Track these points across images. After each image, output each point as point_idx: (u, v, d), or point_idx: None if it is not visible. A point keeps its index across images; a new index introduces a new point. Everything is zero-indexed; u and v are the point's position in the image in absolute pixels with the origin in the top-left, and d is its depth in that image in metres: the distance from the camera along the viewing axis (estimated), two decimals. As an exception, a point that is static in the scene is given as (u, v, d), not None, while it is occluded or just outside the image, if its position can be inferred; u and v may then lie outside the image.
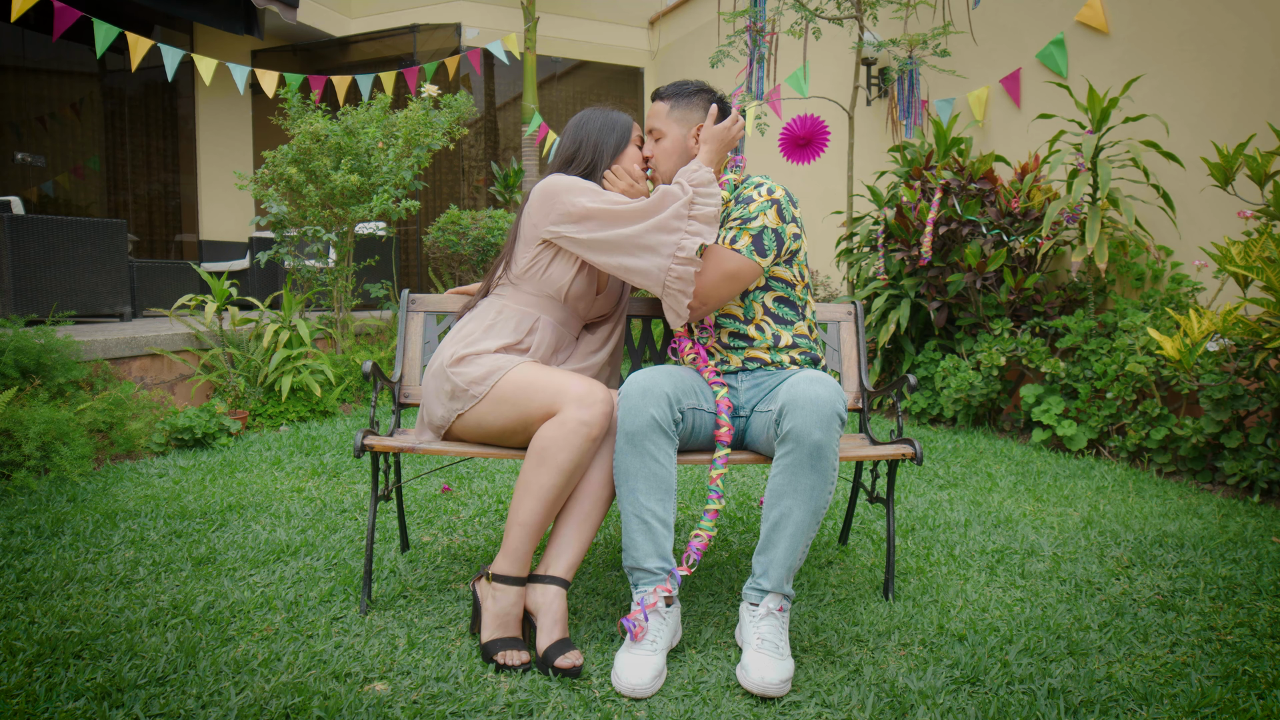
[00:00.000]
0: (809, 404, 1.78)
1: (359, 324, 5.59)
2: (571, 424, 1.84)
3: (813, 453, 1.78)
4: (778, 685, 1.67)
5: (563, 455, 1.84)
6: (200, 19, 6.94)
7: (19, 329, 3.51)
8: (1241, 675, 1.75)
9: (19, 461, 3.08)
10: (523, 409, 1.92)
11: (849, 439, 2.37)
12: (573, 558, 1.89)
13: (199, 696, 1.64)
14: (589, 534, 1.92)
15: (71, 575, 2.24)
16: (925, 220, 4.42)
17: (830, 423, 1.78)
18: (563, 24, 8.64)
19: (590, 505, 1.92)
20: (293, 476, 3.35)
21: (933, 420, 4.62)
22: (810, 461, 1.79)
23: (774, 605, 1.81)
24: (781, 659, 1.72)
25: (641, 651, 1.73)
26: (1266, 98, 3.69)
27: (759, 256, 2.00)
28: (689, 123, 2.11)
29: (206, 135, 8.48)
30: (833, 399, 1.80)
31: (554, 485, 1.85)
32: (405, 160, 5.10)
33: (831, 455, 1.80)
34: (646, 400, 1.84)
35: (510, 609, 1.84)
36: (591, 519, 1.92)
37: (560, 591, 1.86)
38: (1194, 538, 2.60)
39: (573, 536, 1.90)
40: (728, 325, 2.13)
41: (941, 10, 5.24)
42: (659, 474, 1.85)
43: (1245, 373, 3.14)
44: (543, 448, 1.85)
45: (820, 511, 1.82)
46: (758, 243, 2.00)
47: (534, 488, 1.85)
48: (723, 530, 2.75)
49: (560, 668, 1.74)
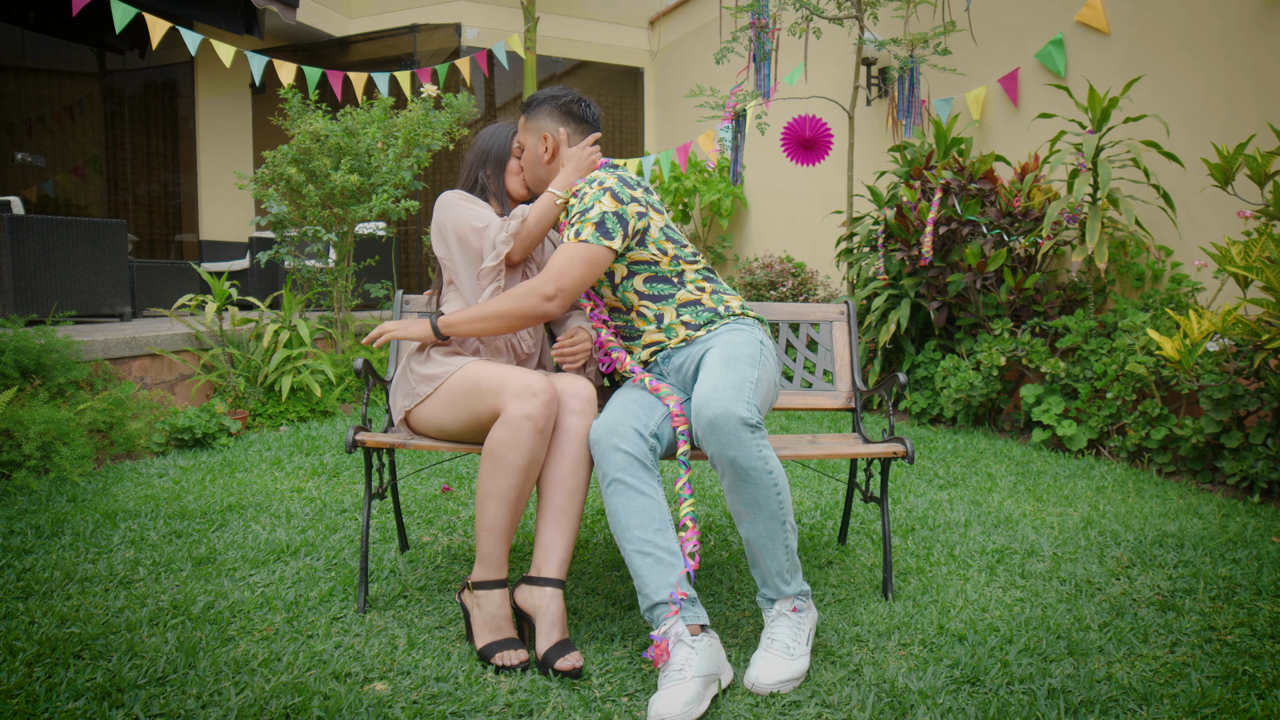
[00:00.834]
0: (710, 425, 1.75)
1: (359, 324, 5.59)
2: (516, 420, 1.84)
3: (737, 471, 1.75)
4: (772, 683, 1.68)
5: (513, 455, 1.85)
6: (200, 18, 6.95)
7: (19, 329, 3.51)
8: (1241, 675, 1.75)
9: (19, 461, 3.08)
10: (472, 409, 1.95)
11: (842, 439, 2.38)
12: (560, 555, 1.89)
13: (199, 696, 1.64)
14: (570, 527, 1.91)
15: (71, 575, 2.24)
16: (925, 220, 4.42)
17: (737, 434, 1.73)
18: (563, 24, 8.64)
19: (562, 498, 1.91)
20: (293, 476, 3.35)
21: (933, 420, 4.62)
22: (741, 477, 1.76)
23: (785, 607, 1.82)
24: (790, 659, 1.73)
25: (669, 681, 1.63)
26: (1266, 97, 3.69)
27: (605, 240, 2.00)
28: (539, 131, 2.18)
29: (206, 135, 8.48)
30: (727, 405, 1.74)
31: (512, 486, 1.86)
32: (405, 160, 5.10)
33: (757, 460, 1.75)
34: (615, 439, 1.84)
35: (497, 611, 1.85)
36: (568, 512, 1.91)
37: (555, 592, 1.85)
38: (1194, 538, 2.60)
39: (554, 535, 1.90)
40: (614, 321, 2.15)
41: (942, 9, 5.24)
42: (648, 507, 1.81)
43: (1245, 373, 3.14)
44: (493, 450, 1.86)
45: (780, 509, 1.79)
46: (601, 228, 2.00)
47: (493, 491, 1.86)
48: (722, 530, 2.75)
49: (560, 670, 1.73)
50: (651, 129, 9.23)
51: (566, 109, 2.17)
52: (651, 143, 9.23)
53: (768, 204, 7.37)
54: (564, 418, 1.94)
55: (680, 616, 1.72)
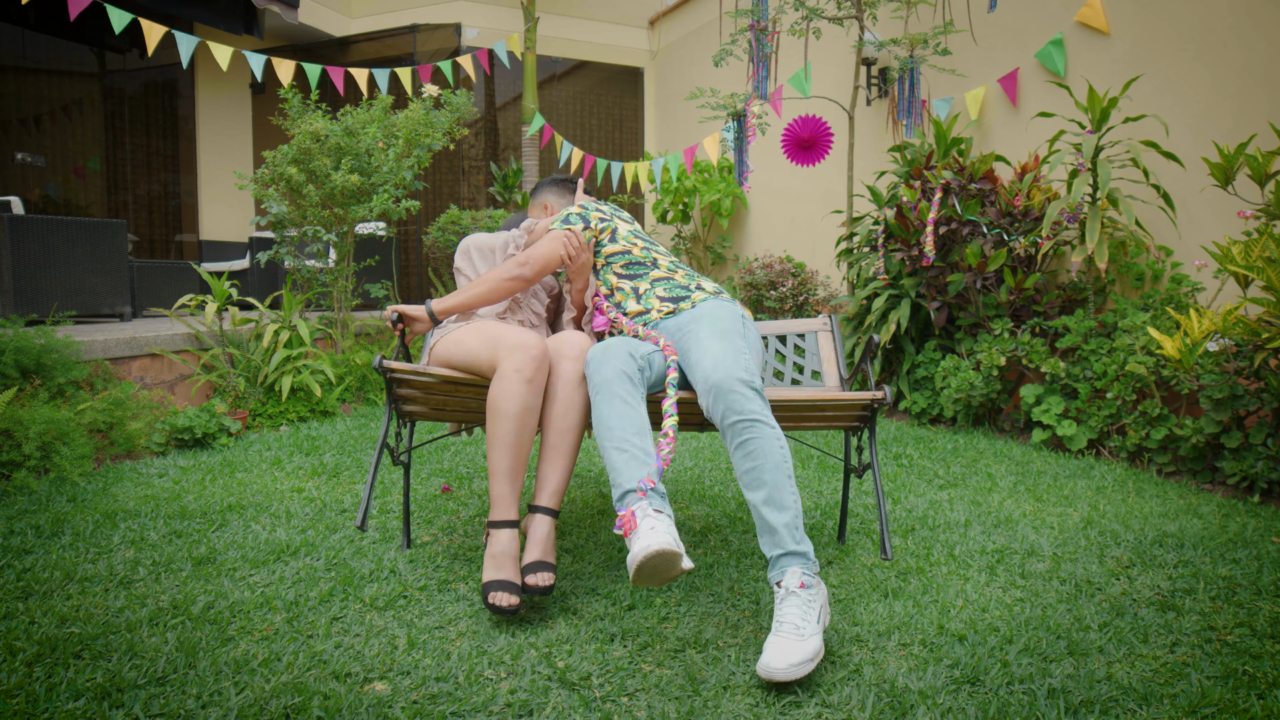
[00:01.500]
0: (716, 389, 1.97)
1: (359, 324, 5.59)
2: (508, 374, 2.11)
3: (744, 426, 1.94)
4: (786, 669, 1.66)
5: (506, 404, 2.09)
6: (200, 19, 6.95)
7: (19, 329, 3.51)
8: (1241, 675, 1.75)
9: (19, 461, 3.08)
10: (472, 351, 2.26)
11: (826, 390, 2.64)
12: (552, 486, 2.12)
13: (199, 696, 1.64)
14: (562, 463, 2.14)
15: (71, 575, 2.24)
16: (925, 220, 4.42)
17: (742, 393, 1.95)
18: (563, 24, 8.64)
19: (555, 437, 2.15)
20: (293, 476, 3.35)
21: (933, 420, 4.62)
22: (748, 431, 1.93)
23: (793, 584, 1.82)
24: (801, 640, 1.72)
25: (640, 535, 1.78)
26: (1266, 97, 3.69)
27: (567, 225, 2.47)
28: (538, 205, 2.85)
29: (206, 135, 8.48)
30: (729, 370, 1.98)
31: (510, 430, 2.08)
32: (405, 160, 5.10)
33: (762, 415, 1.95)
34: (608, 356, 2.08)
35: (503, 550, 2.01)
36: (560, 450, 2.15)
37: (544, 518, 2.07)
38: (1194, 538, 2.60)
39: (548, 470, 2.14)
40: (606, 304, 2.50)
41: (942, 9, 5.25)
42: (631, 414, 2.01)
43: (1245, 373, 3.14)
44: (491, 403, 2.11)
45: (784, 463, 1.93)
46: (565, 220, 2.49)
47: (494, 438, 2.09)
48: (722, 530, 2.75)
49: (528, 585, 1.94)
50: (651, 129, 9.23)
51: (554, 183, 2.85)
52: (651, 143, 9.23)
53: (768, 204, 7.37)
54: (558, 364, 2.20)
55: (647, 500, 1.87)
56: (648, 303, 2.38)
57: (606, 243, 2.49)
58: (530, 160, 7.63)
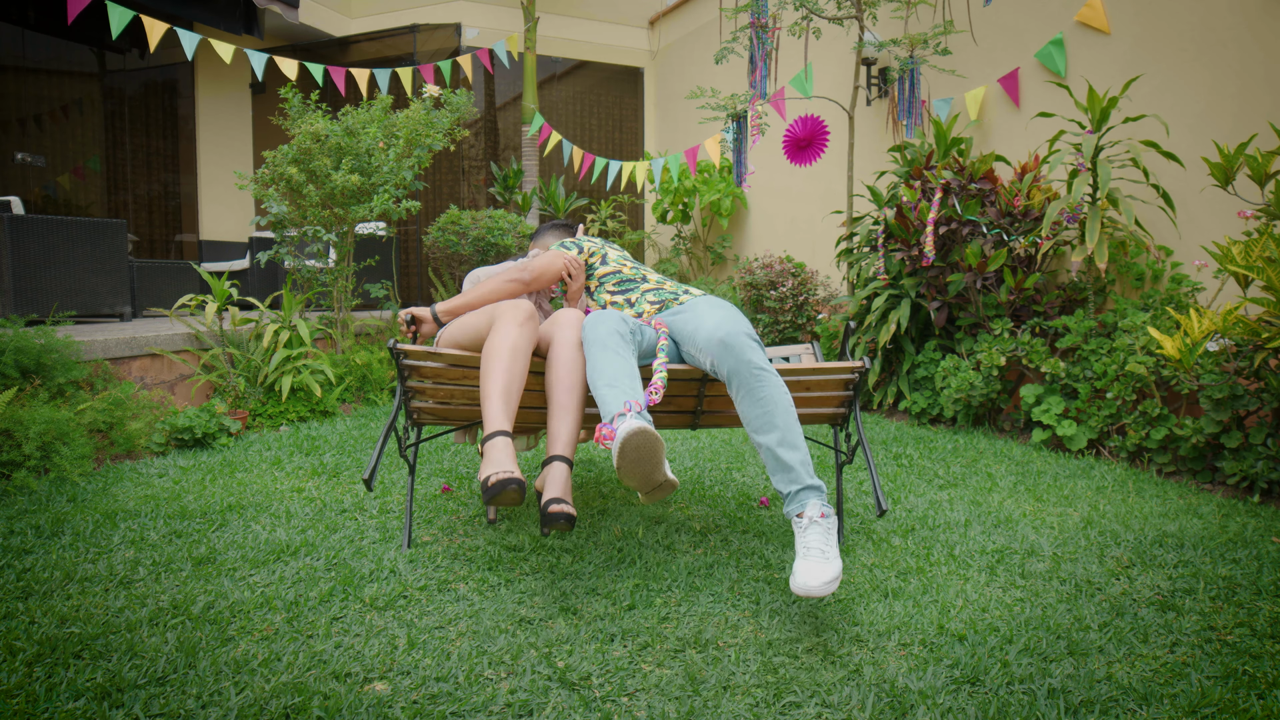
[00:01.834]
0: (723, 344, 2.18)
1: (359, 324, 5.59)
2: (501, 323, 2.35)
3: (751, 373, 2.15)
4: (820, 586, 1.84)
5: (500, 341, 2.31)
6: (200, 19, 6.95)
7: (19, 329, 3.51)
8: (1241, 675, 1.75)
9: (19, 461, 3.08)
10: (473, 326, 2.48)
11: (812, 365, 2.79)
12: (564, 438, 2.26)
13: (199, 696, 1.64)
14: (569, 419, 2.29)
15: (71, 575, 2.24)
16: (925, 220, 4.42)
17: (748, 344, 2.18)
18: (563, 24, 8.64)
19: (562, 395, 2.31)
20: (293, 476, 3.36)
21: (933, 420, 4.62)
22: (756, 379, 2.14)
23: (814, 514, 1.99)
24: (827, 561, 1.91)
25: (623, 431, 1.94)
26: (1266, 97, 3.69)
27: (564, 248, 2.78)
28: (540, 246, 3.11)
29: (206, 135, 8.48)
30: (734, 326, 2.21)
31: (503, 359, 2.27)
32: (406, 160, 5.10)
33: (766, 362, 2.17)
34: (602, 319, 2.31)
35: (496, 452, 2.10)
36: (567, 407, 2.30)
37: (559, 465, 2.18)
38: (1194, 538, 2.60)
39: (558, 425, 2.28)
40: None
41: (941, 9, 5.25)
42: (622, 363, 2.20)
43: (1245, 373, 3.14)
44: (486, 349, 2.33)
45: (791, 406, 2.14)
46: (562, 245, 2.82)
47: (489, 371, 2.27)
48: (722, 530, 2.76)
49: (551, 512, 2.02)
50: (651, 129, 9.23)
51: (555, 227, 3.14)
52: (651, 143, 9.23)
53: (768, 204, 7.37)
54: (558, 332, 2.40)
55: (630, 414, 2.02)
56: (640, 308, 2.62)
57: (599, 265, 2.78)
58: (530, 160, 7.63)
